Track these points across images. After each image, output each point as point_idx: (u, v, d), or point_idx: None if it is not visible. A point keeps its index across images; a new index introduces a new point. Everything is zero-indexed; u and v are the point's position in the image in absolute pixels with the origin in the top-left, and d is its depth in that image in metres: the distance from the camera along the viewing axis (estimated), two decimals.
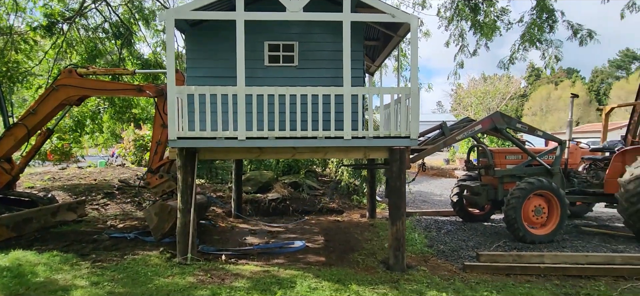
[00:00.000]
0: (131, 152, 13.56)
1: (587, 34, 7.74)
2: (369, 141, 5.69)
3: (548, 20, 7.85)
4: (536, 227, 7.11)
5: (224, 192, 10.26)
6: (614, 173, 7.63)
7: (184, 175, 5.60)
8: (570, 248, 6.75)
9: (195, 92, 5.40)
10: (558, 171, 7.61)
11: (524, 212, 6.99)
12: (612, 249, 6.67)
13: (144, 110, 11.70)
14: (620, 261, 5.80)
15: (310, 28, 6.31)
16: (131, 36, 10.33)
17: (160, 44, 11.01)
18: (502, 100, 35.54)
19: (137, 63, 10.43)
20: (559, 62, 8.41)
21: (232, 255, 6.11)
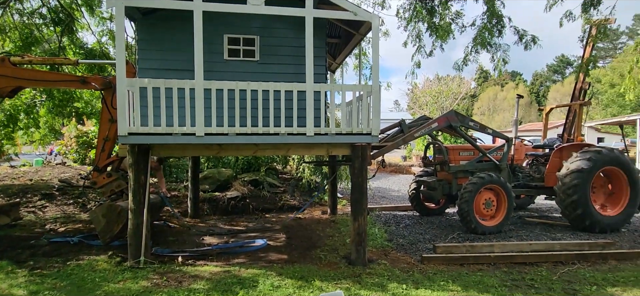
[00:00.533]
0: (73, 149, 12.42)
1: (531, 40, 8.36)
2: (332, 138, 5.69)
3: (497, 25, 8.36)
4: (486, 219, 7.56)
5: (180, 191, 9.79)
6: (552, 168, 8.33)
7: (136, 173, 5.24)
8: (516, 237, 7.25)
9: (148, 85, 5.06)
10: (505, 166, 8.14)
11: (476, 205, 7.40)
12: (551, 237, 7.27)
13: (88, 104, 10.73)
14: (558, 248, 6.34)
15: (272, 22, 6.18)
16: (73, 23, 9.43)
17: (106, 33, 10.16)
18: (454, 100, 37.52)
19: (80, 53, 9.54)
20: (506, 65, 8.99)
21: (190, 256, 5.84)
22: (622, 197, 7.81)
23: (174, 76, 5.45)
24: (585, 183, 7.43)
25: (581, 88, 9.02)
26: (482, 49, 8.22)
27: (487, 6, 8.07)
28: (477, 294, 4.61)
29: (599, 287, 4.90)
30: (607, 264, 5.80)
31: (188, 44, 5.34)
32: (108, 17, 10.06)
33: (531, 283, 5.01)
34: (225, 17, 5.92)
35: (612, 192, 8.09)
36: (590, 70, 9.79)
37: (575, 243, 6.51)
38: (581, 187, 7.40)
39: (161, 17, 5.88)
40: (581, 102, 8.91)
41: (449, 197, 8.49)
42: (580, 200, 7.41)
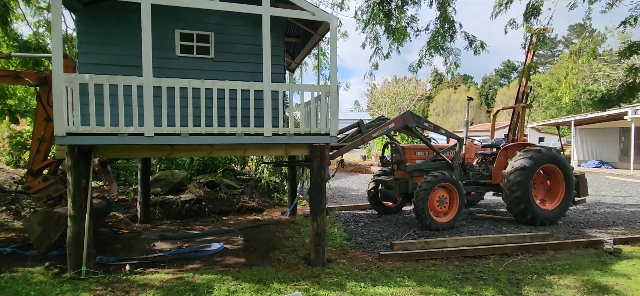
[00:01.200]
0: (6, 150, 11.19)
1: (480, 45, 8.86)
2: (290, 138, 5.63)
3: (449, 30, 8.77)
4: (440, 216, 7.89)
5: (128, 194, 9.20)
6: (499, 166, 8.88)
7: (76, 176, 4.83)
8: (467, 232, 7.63)
9: (90, 82, 4.68)
10: (457, 165, 8.55)
11: (430, 203, 7.70)
12: (498, 231, 7.74)
13: (22, 102, 9.71)
14: (504, 241, 6.76)
15: (228, 19, 5.98)
16: (7, 13, 8.49)
17: (44, 24, 9.27)
18: (411, 101, 38.91)
19: (14, 45, 8.63)
20: (458, 68, 9.46)
21: (139, 263, 5.50)
22: (559, 192, 8.50)
23: (120, 72, 5.10)
24: (527, 180, 7.99)
25: (524, 91, 9.70)
26: (435, 52, 8.58)
27: (439, 12, 8.43)
28: (430, 288, 4.77)
29: (539, 276, 5.28)
30: (546, 254, 6.27)
31: (135, 38, 5.02)
32: (46, 7, 9.20)
33: (480, 275, 5.28)
34: (177, 11, 5.64)
35: (550, 187, 8.79)
36: (531, 75, 10.57)
37: (518, 236, 6.97)
38: (524, 184, 7.95)
39: (105, 8, 5.47)
40: (524, 104, 9.58)
41: (406, 195, 8.75)
42: (523, 196, 7.96)
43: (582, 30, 52.76)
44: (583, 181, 8.96)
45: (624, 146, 24.67)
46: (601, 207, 10.76)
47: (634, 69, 8.34)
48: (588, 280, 5.12)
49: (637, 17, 7.84)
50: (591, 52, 7.99)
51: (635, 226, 8.32)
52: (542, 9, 8.42)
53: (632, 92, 8.11)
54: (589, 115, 23.61)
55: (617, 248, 6.42)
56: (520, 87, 9.85)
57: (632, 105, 20.02)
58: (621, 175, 19.88)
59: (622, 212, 9.94)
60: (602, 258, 6.08)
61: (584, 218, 9.12)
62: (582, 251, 6.39)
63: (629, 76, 8.36)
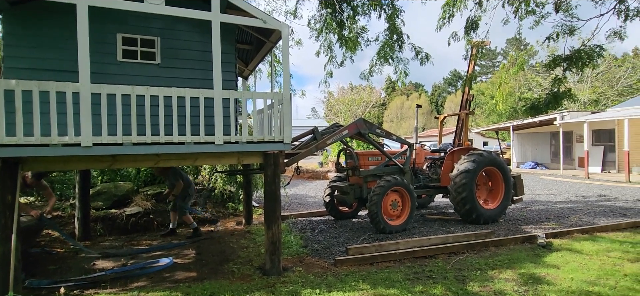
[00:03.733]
0: None
1: (425, 56, 9.38)
2: (243, 146, 5.53)
3: (398, 41, 9.19)
4: (393, 219, 8.15)
5: (65, 210, 8.45)
6: (446, 170, 9.39)
7: (1, 192, 4.35)
8: (418, 234, 7.95)
9: (16, 88, 4.27)
10: (408, 169, 8.90)
11: (384, 207, 7.93)
12: (447, 231, 8.15)
13: None
14: (452, 240, 7.14)
15: (175, 24, 5.77)
16: None
17: None
18: (366, 108, 40.03)
19: None
20: (407, 77, 9.93)
21: (75, 285, 5.06)
22: (499, 193, 9.17)
23: (53, 78, 4.71)
24: (472, 182, 8.53)
25: (467, 99, 10.39)
26: (384, 62, 8.92)
27: (388, 24, 8.81)
28: (384, 290, 4.89)
29: (482, 271, 5.63)
30: (489, 250, 6.71)
31: (71, 42, 4.67)
32: None
33: (430, 274, 5.52)
34: (118, 14, 5.34)
35: (492, 188, 9.46)
36: (474, 84, 11.37)
37: (464, 234, 7.40)
38: (468, 186, 8.48)
39: (35, 8, 5.03)
40: (467, 111, 10.25)
41: (361, 200, 8.94)
42: (468, 197, 8.47)
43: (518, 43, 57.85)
44: (520, 181, 9.75)
45: (555, 148, 27.33)
46: (536, 204, 11.76)
47: (557, 80, 9.31)
48: (524, 272, 5.55)
49: (559, 33, 8.78)
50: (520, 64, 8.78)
51: (565, 221, 9.20)
52: (480, 24, 9.12)
53: (556, 99, 9.05)
54: (525, 121, 25.85)
55: (548, 242, 7.05)
56: (464, 95, 10.53)
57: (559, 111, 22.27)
58: (553, 175, 21.92)
59: (553, 208, 10.94)
60: (536, 251, 6.63)
61: (521, 215, 9.91)
62: (519, 246, 6.92)
63: (554, 85, 9.31)
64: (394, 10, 9.19)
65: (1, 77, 4.88)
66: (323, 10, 9.06)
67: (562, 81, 9.41)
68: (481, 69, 72.82)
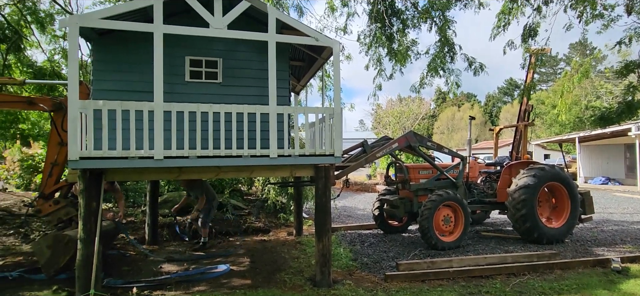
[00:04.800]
0: (16, 174, 11.39)
1: (479, 66, 9.06)
2: (295, 159, 5.74)
3: (449, 52, 8.99)
4: (446, 235, 7.87)
5: (137, 216, 9.29)
6: (503, 185, 8.90)
7: (87, 199, 4.94)
8: (473, 252, 7.60)
9: (103, 107, 4.87)
10: (461, 184, 8.58)
11: (435, 222, 7.71)
12: (505, 250, 7.70)
13: (35, 126, 9.99)
14: (511, 260, 6.73)
15: (235, 45, 6.21)
16: (20, 40, 8.85)
17: (59, 51, 9.64)
18: (415, 120, 39.08)
19: (28, 72, 8.95)
20: (459, 88, 9.63)
21: (146, 286, 5.53)
22: (565, 210, 8.48)
23: (132, 98, 5.28)
24: (532, 198, 8.00)
25: (525, 110, 9.81)
26: (435, 74, 8.76)
27: (439, 35, 8.66)
28: None
29: None
30: (553, 273, 6.23)
31: (147, 65, 5.23)
32: (61, 36, 9.57)
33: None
34: (187, 39, 5.88)
35: (556, 205, 8.77)
36: (532, 94, 10.70)
37: (525, 255, 6.94)
38: (528, 202, 7.95)
39: (119, 38, 5.72)
40: (525, 122, 9.67)
41: (411, 215, 8.77)
42: (528, 214, 7.94)
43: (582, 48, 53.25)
44: (588, 198, 8.94)
45: (630, 162, 24.51)
46: (608, 224, 10.66)
47: (632, 87, 8.45)
48: None
49: (632, 36, 8.01)
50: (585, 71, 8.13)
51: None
52: (539, 30, 8.62)
53: (630, 109, 8.20)
54: (593, 132, 23.60)
55: (625, 267, 6.37)
56: (522, 106, 9.96)
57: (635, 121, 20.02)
58: (628, 192, 19.69)
59: (629, 230, 9.84)
60: (610, 277, 6.02)
61: (591, 236, 9.05)
62: (589, 271, 6.33)
63: (627, 94, 8.46)
64: (445, 21, 9.04)
65: (90, 98, 5.59)
66: (372, 25, 9.16)
67: (638, 88, 8.53)
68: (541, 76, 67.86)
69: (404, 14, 9.58)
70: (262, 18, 5.76)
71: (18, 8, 8.75)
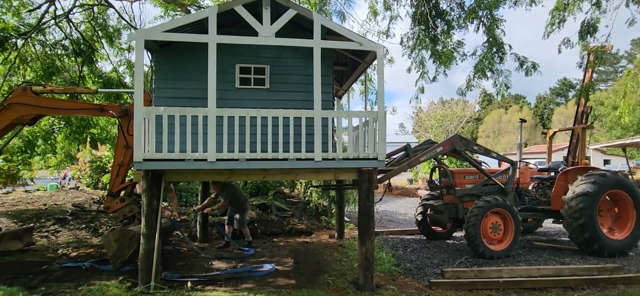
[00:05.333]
0: (87, 174, 12.65)
1: (531, 66, 8.60)
2: (339, 162, 5.83)
3: (498, 53, 8.63)
4: (494, 243, 7.55)
5: (189, 215, 9.89)
6: (558, 192, 8.36)
7: (149, 198, 5.39)
8: (524, 262, 7.22)
9: (164, 113, 5.29)
10: (511, 190, 8.19)
11: (483, 229, 7.42)
12: (560, 261, 7.23)
13: (103, 130, 11.08)
14: (567, 273, 6.31)
15: (281, 52, 6.46)
16: (93, 54, 9.88)
17: (124, 63, 10.63)
18: (459, 123, 37.68)
19: (99, 81, 9.95)
20: (508, 90, 9.20)
21: (199, 281, 5.88)
22: (629, 221, 7.79)
23: (188, 104, 5.69)
24: (592, 207, 7.44)
25: (583, 112, 9.16)
26: (483, 76, 8.45)
27: (487, 35, 8.36)
28: None
29: None
30: (616, 289, 5.76)
31: (202, 73, 5.60)
32: (126, 48, 10.52)
33: None
34: (237, 48, 6.21)
35: (619, 215, 8.08)
36: (591, 94, 9.96)
37: (584, 267, 6.48)
38: (587, 211, 7.41)
39: (177, 48, 6.18)
40: (583, 125, 9.03)
41: (456, 221, 8.51)
42: (587, 224, 7.40)
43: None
44: None
45: None
46: None
47: None
48: None
49: None
50: None
51: None
52: (598, 27, 8.03)
53: None
54: None
55: None
56: (579, 107, 9.31)
57: None
58: None
59: None
60: None
61: None
62: None
63: None
64: (493, 20, 8.70)
65: (152, 105, 6.09)
66: (416, 27, 9.05)
67: None
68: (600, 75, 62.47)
69: (449, 15, 9.36)
70: (307, 25, 5.95)
71: (91, 25, 9.80)
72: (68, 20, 9.53)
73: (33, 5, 9.27)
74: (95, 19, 9.92)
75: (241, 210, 8.15)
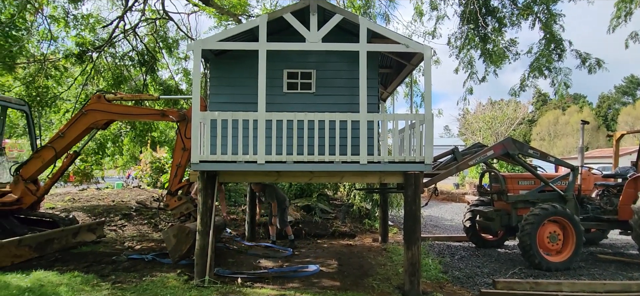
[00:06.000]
0: (147, 174, 13.83)
1: (595, 63, 7.95)
2: (384, 166, 5.82)
3: (556, 50, 8.08)
4: (552, 254, 7.07)
5: (238, 214, 10.35)
6: (627, 200, 7.62)
7: (204, 197, 5.75)
8: (587, 276, 6.68)
9: (218, 118, 5.63)
10: (572, 197, 7.62)
11: (539, 238, 6.98)
12: (628, 277, 6.60)
13: (162, 134, 12.09)
14: (636, 289, 5.74)
15: (327, 57, 6.58)
16: (155, 63, 10.83)
17: (180, 71, 11.54)
18: (510, 125, 35.56)
19: (160, 88, 10.88)
20: (568, 88, 8.58)
21: (248, 278, 6.15)
22: None
23: (239, 108, 5.99)
24: None
25: None
26: (539, 74, 7.96)
27: (544, 32, 7.86)
28: None
29: None
30: None
31: (252, 79, 5.88)
32: (183, 57, 11.41)
33: None
34: (285, 54, 6.44)
35: None
36: None
37: None
38: None
39: (230, 57, 6.55)
40: None
41: (508, 229, 8.08)
42: None
43: None
44: None
45: None
46: None
47: None
48: None
49: None
50: None
51: None
52: None
53: None
54: None
55: None
56: None
57: None
58: None
59: None
60: None
61: None
62: None
63: None
64: (550, 15, 8.17)
65: (207, 110, 6.51)
66: (464, 26, 8.76)
67: None
68: None
69: (501, 12, 8.94)
70: (352, 29, 6.02)
71: (154, 37, 10.77)
72: (134, 34, 10.56)
73: (106, 22, 10.37)
74: (157, 31, 10.89)
75: (281, 209, 8.42)
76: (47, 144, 7.18)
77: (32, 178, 7.17)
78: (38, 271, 5.88)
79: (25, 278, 5.57)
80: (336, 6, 5.79)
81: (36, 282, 5.43)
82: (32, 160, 7.18)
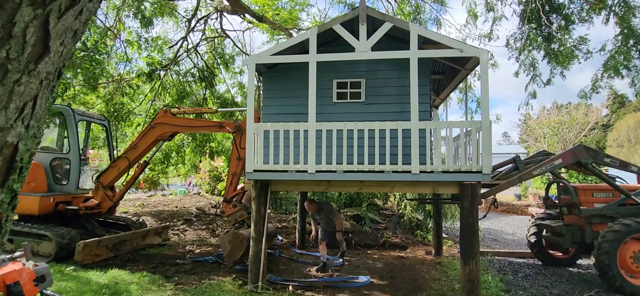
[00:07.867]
0: (206, 181, 14.82)
1: None
2: (438, 175, 5.60)
3: (636, 46, 7.20)
4: (636, 276, 6.23)
5: (288, 222, 10.58)
6: None
7: (258, 205, 5.97)
8: None
9: (270, 128, 5.85)
10: None
11: (621, 258, 6.19)
12: None
13: (219, 144, 12.92)
14: None
15: (376, 65, 6.55)
16: (213, 78, 11.66)
17: (236, 85, 12.29)
18: (580, 131, 32.20)
19: (217, 102, 11.68)
20: None
21: (299, 286, 6.23)
22: None
23: (290, 119, 6.18)
24: None
25: None
26: (615, 74, 7.15)
27: (621, 27, 7.07)
28: None
29: None
30: None
31: (302, 90, 6.04)
32: (238, 72, 12.14)
33: None
34: (334, 64, 6.52)
35: None
36: None
37: None
38: None
39: (281, 69, 6.80)
40: None
41: (581, 246, 7.28)
42: None
43: None
44: None
45: None
46: None
47: None
48: None
49: None
50: None
51: None
52: None
53: None
54: None
55: None
56: None
57: None
58: None
59: None
60: None
61: None
62: None
63: None
64: (627, 8, 7.32)
65: (261, 121, 6.80)
66: (525, 26, 8.18)
67: None
68: None
69: (567, 8, 8.22)
70: (402, 36, 5.93)
71: (212, 54, 11.63)
72: (196, 52, 11.49)
73: (172, 42, 11.43)
74: (216, 48, 11.73)
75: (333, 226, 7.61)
76: (122, 155, 8.00)
77: (109, 185, 8.01)
78: (113, 270, 6.51)
79: (103, 276, 6.20)
80: (386, 14, 5.75)
81: (112, 280, 6.02)
82: (110, 169, 8.03)
